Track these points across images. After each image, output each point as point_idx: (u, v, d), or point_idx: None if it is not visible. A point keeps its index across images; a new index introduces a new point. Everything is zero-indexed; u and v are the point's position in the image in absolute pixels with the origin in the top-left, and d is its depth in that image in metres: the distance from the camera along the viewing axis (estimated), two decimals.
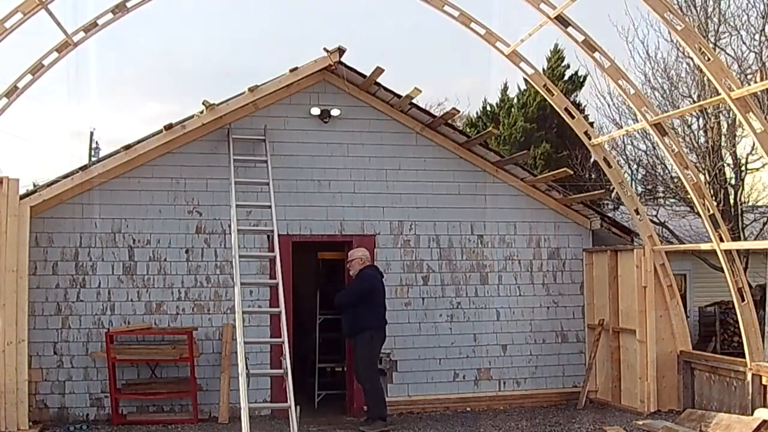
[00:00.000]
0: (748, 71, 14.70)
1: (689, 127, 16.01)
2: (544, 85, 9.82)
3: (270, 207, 8.85)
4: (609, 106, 17.11)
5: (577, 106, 19.42)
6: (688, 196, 12.96)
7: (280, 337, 8.04)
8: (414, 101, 9.56)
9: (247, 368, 7.43)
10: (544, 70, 20.63)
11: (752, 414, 7.84)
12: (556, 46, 21.25)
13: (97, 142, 25.99)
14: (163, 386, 8.83)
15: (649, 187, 18.70)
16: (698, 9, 15.65)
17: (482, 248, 10.10)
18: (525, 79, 17.46)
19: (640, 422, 8.64)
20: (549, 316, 10.26)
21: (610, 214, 14.04)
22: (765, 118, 7.76)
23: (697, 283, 17.19)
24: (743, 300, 8.34)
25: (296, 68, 9.11)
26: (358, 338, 8.62)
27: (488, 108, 22.39)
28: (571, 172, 11.12)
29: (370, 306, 8.62)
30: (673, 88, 15.89)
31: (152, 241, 9.06)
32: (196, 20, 47.57)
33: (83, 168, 8.75)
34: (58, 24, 8.04)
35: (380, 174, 9.80)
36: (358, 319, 8.58)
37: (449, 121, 10.09)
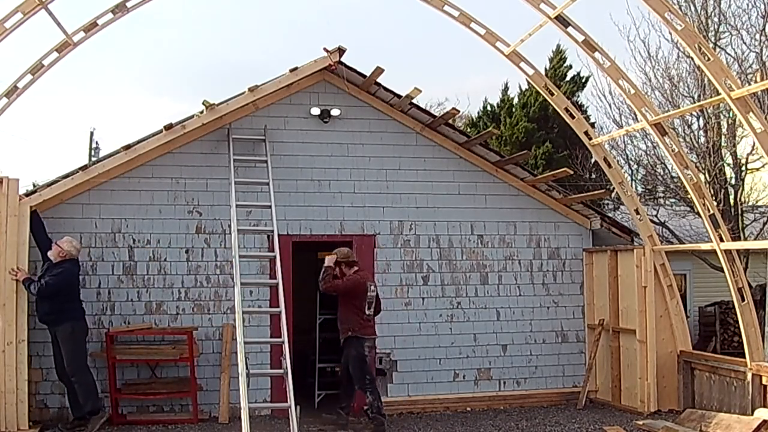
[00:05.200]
0: (749, 71, 14.70)
1: (689, 127, 16.02)
2: (545, 85, 9.82)
3: (270, 207, 8.86)
4: (609, 105, 17.15)
5: (579, 106, 19.39)
6: (688, 196, 12.98)
7: (280, 337, 8.05)
8: (414, 101, 9.56)
9: (247, 368, 7.43)
10: (546, 70, 20.62)
11: (752, 414, 7.85)
12: (558, 47, 21.23)
13: (97, 142, 25.98)
14: (163, 386, 8.83)
15: (649, 187, 18.70)
16: (698, 9, 15.65)
17: (482, 248, 10.10)
18: (527, 79, 17.44)
19: (640, 422, 8.64)
20: (549, 316, 10.27)
21: (610, 214, 14.04)
22: (765, 118, 7.75)
23: (697, 283, 17.18)
24: (743, 300, 8.34)
25: (296, 68, 9.12)
26: (59, 331, 8.09)
27: (489, 108, 22.37)
28: (571, 172, 11.12)
29: (70, 299, 8.16)
30: (673, 88, 15.88)
31: (152, 241, 9.06)
32: (201, 20, 47.60)
33: (83, 168, 8.76)
34: (58, 24, 8.05)
35: (380, 174, 9.81)
36: (61, 311, 8.09)
37: (449, 121, 10.09)
